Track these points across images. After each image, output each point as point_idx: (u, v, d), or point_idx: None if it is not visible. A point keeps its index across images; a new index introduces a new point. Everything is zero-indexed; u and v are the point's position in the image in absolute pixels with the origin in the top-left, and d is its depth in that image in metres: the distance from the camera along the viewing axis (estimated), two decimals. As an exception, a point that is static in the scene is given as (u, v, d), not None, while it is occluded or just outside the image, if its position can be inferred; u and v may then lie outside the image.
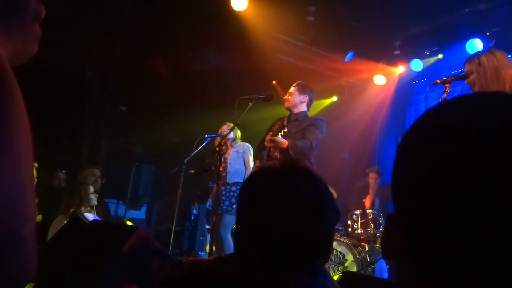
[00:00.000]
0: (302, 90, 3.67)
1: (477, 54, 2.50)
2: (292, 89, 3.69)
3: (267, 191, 0.95)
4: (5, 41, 0.47)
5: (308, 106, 3.70)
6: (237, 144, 4.50)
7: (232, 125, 4.46)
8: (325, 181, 1.00)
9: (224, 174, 4.26)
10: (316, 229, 0.92)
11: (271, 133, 3.39)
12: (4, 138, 0.40)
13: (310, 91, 3.71)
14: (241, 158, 4.40)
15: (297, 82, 3.76)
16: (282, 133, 3.31)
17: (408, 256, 0.43)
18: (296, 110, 3.64)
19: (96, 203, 4.00)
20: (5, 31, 0.47)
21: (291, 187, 0.93)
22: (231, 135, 4.47)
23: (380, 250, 4.65)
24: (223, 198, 4.21)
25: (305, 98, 3.65)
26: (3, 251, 0.39)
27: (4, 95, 0.41)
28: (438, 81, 2.64)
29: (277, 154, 3.33)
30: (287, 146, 3.26)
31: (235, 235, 0.98)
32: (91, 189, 3.97)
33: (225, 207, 4.18)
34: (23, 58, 0.50)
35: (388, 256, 0.45)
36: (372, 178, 5.48)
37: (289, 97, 3.65)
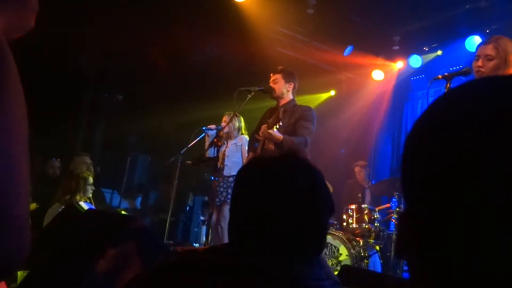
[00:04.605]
0: (287, 77, 3.49)
1: (492, 38, 2.40)
2: (276, 76, 3.51)
3: (264, 181, 0.94)
4: (0, 13, 0.45)
5: (293, 93, 3.54)
6: (236, 137, 4.44)
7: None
8: (322, 173, 0.99)
9: (222, 166, 4.23)
10: (311, 221, 0.92)
11: (266, 125, 3.22)
12: None
13: (295, 77, 3.55)
14: (239, 151, 4.35)
15: (280, 68, 3.58)
16: (278, 126, 3.14)
17: (416, 255, 0.42)
18: (283, 101, 3.49)
19: (90, 195, 3.98)
20: (0, 2, 0.46)
21: (288, 178, 0.92)
22: (236, 125, 4.41)
23: (374, 245, 4.68)
24: (221, 189, 4.17)
25: (291, 86, 3.49)
26: None
27: None
28: (440, 76, 2.62)
29: (271, 147, 3.21)
30: (282, 141, 3.15)
31: (229, 225, 0.96)
32: (90, 180, 3.94)
33: (222, 198, 4.14)
34: (19, 31, 0.48)
35: (399, 254, 0.44)
36: (357, 172, 5.60)
37: (275, 85, 3.48)
